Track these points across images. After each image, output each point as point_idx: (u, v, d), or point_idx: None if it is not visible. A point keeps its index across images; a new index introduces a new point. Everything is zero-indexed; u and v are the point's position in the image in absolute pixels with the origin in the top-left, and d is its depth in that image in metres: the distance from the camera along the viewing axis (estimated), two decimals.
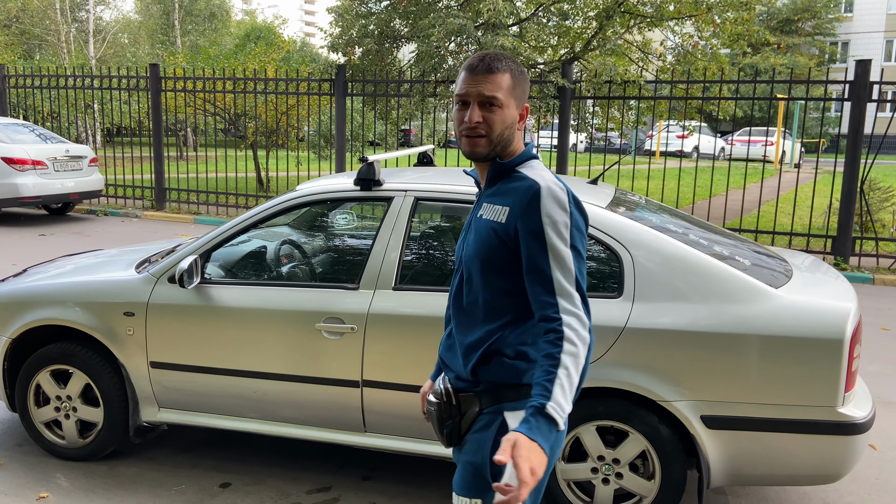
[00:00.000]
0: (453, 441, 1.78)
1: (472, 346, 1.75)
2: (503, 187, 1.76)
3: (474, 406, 1.75)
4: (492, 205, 1.75)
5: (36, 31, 28.77)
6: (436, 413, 1.80)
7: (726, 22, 10.71)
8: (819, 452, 2.75)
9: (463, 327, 1.79)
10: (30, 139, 10.66)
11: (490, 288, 1.73)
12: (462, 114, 1.74)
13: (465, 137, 1.74)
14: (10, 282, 3.80)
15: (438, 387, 1.82)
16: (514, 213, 1.68)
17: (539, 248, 1.64)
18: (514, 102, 1.74)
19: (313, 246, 4.01)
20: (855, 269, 8.42)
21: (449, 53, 10.63)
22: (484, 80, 1.71)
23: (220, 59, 14.14)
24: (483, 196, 1.82)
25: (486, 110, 1.71)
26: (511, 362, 1.71)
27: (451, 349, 1.82)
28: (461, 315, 1.79)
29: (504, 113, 1.72)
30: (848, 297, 2.90)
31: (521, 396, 1.71)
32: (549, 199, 1.65)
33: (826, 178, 14.33)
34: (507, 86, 1.72)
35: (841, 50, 33.99)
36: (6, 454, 3.65)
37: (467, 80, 1.73)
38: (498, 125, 1.72)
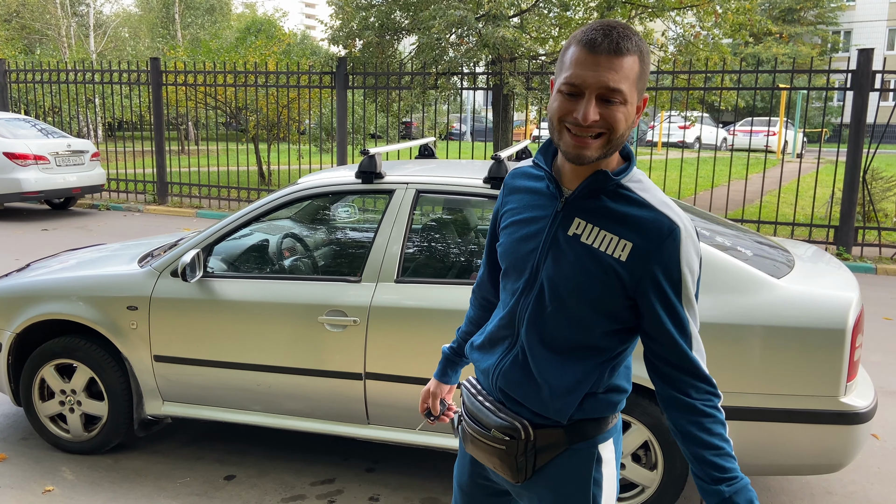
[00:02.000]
0: (527, 476, 1.52)
1: (567, 389, 1.46)
2: (612, 208, 1.40)
3: (559, 442, 1.50)
4: (599, 229, 1.40)
5: (36, 26, 28.73)
6: (505, 451, 1.51)
7: (728, 12, 10.67)
8: (821, 442, 2.76)
9: (547, 364, 1.47)
10: (31, 134, 10.67)
11: (588, 326, 1.44)
12: (569, 105, 1.35)
13: (572, 135, 1.36)
14: (13, 276, 3.81)
15: (502, 420, 1.52)
16: (640, 254, 1.36)
17: (677, 300, 1.38)
18: (637, 96, 1.37)
19: (315, 239, 4.02)
20: (857, 258, 8.40)
21: (450, 45, 10.60)
22: (608, 64, 1.31)
23: (221, 53, 14.12)
24: (575, 207, 1.44)
25: (605, 106, 1.33)
26: (605, 397, 1.50)
27: (525, 385, 1.50)
28: (544, 348, 1.48)
29: (628, 109, 1.35)
30: (850, 287, 2.90)
31: (609, 425, 1.52)
32: (690, 245, 1.37)
33: (828, 168, 14.30)
34: (634, 74, 1.34)
35: (843, 39, 33.83)
36: (11, 448, 3.67)
37: (585, 60, 1.32)
38: (621, 124, 1.35)
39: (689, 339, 1.39)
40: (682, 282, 1.37)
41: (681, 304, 1.38)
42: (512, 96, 11.06)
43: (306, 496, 3.24)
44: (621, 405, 1.54)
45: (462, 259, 3.45)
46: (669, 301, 1.38)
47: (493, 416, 1.54)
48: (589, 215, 1.42)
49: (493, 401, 1.56)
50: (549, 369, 1.47)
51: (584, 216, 1.42)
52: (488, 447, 1.54)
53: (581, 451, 1.50)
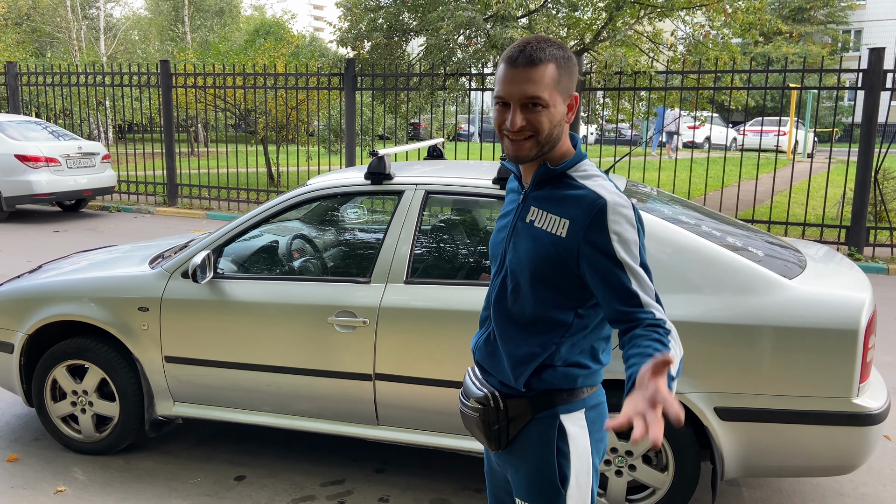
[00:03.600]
0: (501, 445, 1.70)
1: (522, 359, 1.64)
2: (557, 194, 1.61)
3: (525, 411, 1.66)
4: (546, 212, 1.60)
5: (47, 29, 28.93)
6: (480, 418, 1.70)
7: (738, 11, 10.63)
8: (833, 444, 2.74)
9: (509, 338, 1.66)
10: (43, 136, 10.74)
11: (542, 301, 1.61)
12: (502, 115, 1.58)
13: (509, 140, 1.59)
14: (25, 278, 3.84)
15: (479, 391, 1.72)
16: (576, 229, 1.54)
17: (613, 265, 1.51)
18: (560, 98, 1.56)
19: (325, 240, 4.03)
20: (869, 259, 8.34)
21: (458, 46, 10.60)
22: (525, 76, 1.53)
23: (230, 55, 14.17)
24: (530, 198, 1.66)
25: (529, 112, 1.54)
26: (565, 370, 1.64)
27: (492, 356, 1.71)
28: (507, 324, 1.67)
29: (551, 112, 1.55)
30: (862, 288, 2.88)
31: (575, 398, 1.65)
32: (617, 215, 1.52)
33: (839, 168, 14.21)
34: (551, 80, 1.54)
35: (854, 38, 33.61)
36: (23, 449, 3.69)
37: (507, 76, 1.55)
38: (545, 126, 1.55)
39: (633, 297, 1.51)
40: (611, 245, 1.52)
41: (620, 269, 1.51)
42: None
43: (316, 497, 3.24)
44: (584, 380, 1.65)
45: (471, 260, 3.45)
46: (606, 267, 1.52)
47: (473, 388, 1.75)
48: (540, 203, 1.63)
49: (478, 375, 1.78)
50: (510, 341, 1.66)
51: (537, 204, 1.64)
52: (469, 417, 1.74)
53: (544, 420, 1.66)
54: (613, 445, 2.92)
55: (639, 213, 1.59)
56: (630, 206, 1.56)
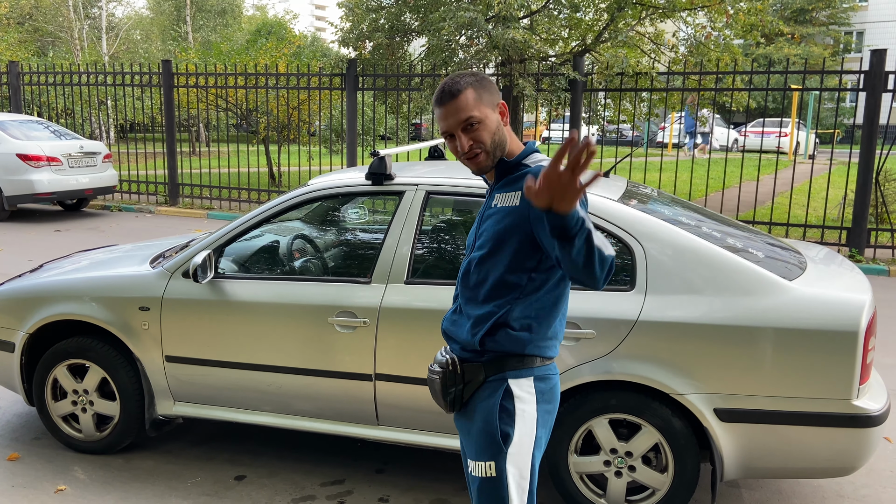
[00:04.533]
0: (456, 407, 1.91)
1: (480, 318, 1.86)
2: (512, 178, 1.89)
3: (479, 374, 1.87)
4: (504, 194, 1.87)
5: (49, 29, 28.96)
6: (440, 381, 1.90)
7: (739, 12, 10.63)
8: (833, 445, 2.74)
9: (472, 302, 1.90)
10: (44, 136, 10.75)
11: (501, 266, 1.83)
12: (453, 144, 1.87)
13: (467, 160, 1.87)
14: (26, 277, 3.85)
15: (441, 357, 1.93)
16: (524, 195, 1.74)
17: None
18: (488, 110, 1.85)
19: (325, 240, 4.03)
20: (870, 260, 8.34)
21: (460, 47, 10.61)
22: (453, 108, 1.82)
23: (232, 55, 14.19)
24: (494, 190, 1.94)
25: (470, 132, 1.83)
26: (517, 334, 1.83)
27: (456, 323, 1.94)
28: (469, 291, 1.91)
29: (486, 124, 1.84)
30: (863, 289, 2.88)
31: (525, 365, 1.84)
32: None
33: (841, 170, 14.19)
34: (472, 101, 1.82)
35: (856, 39, 33.59)
36: (24, 448, 3.69)
37: (440, 114, 1.85)
38: (487, 137, 1.84)
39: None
40: None
41: None
42: (522, 98, 11.05)
43: (316, 496, 3.25)
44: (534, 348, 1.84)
45: None
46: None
47: (438, 356, 1.96)
48: (502, 189, 1.91)
49: (445, 347, 1.98)
50: (472, 306, 1.89)
51: (500, 191, 1.91)
52: (432, 381, 1.93)
53: (494, 383, 1.85)
54: (613, 446, 2.93)
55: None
56: None
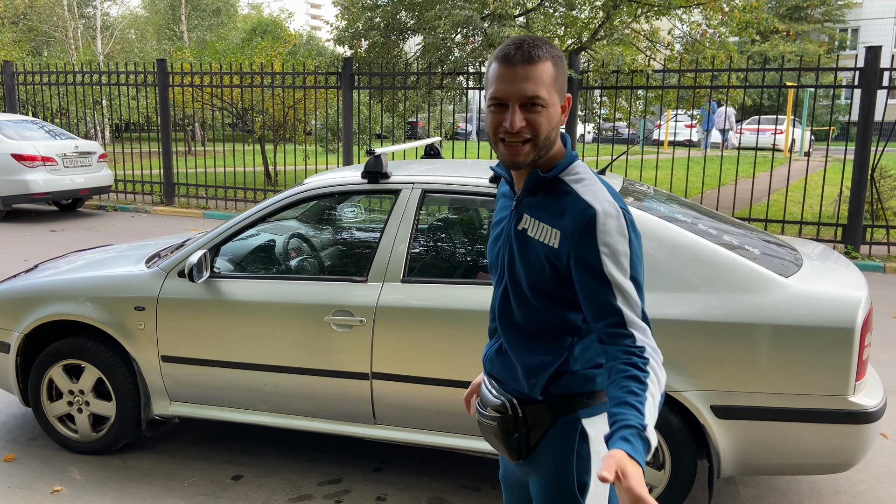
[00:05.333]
0: (522, 454, 1.63)
1: (535, 368, 1.59)
2: (549, 201, 1.55)
3: (545, 418, 1.60)
4: (538, 221, 1.55)
5: (43, 28, 28.86)
6: (499, 428, 1.63)
7: (735, 10, 10.63)
8: (830, 441, 2.74)
9: (519, 348, 1.61)
10: (39, 136, 10.72)
11: (545, 309, 1.57)
12: (498, 117, 1.49)
13: (504, 144, 1.50)
14: (21, 277, 3.83)
15: (494, 398, 1.66)
16: (566, 239, 1.49)
17: (598, 279, 1.45)
18: (556, 97, 1.50)
19: (322, 239, 4.02)
20: (866, 257, 8.36)
21: (455, 45, 10.60)
22: (524, 74, 1.46)
23: (227, 54, 14.15)
24: (523, 205, 1.60)
25: (528, 112, 1.47)
26: (584, 373, 1.59)
27: (505, 366, 1.65)
28: (514, 334, 1.62)
29: (549, 112, 1.49)
30: (858, 286, 2.89)
31: (597, 401, 1.59)
32: (607, 225, 1.45)
33: (836, 167, 14.22)
34: (549, 78, 1.48)
35: (850, 37, 33.64)
36: (20, 448, 3.68)
37: (503, 75, 1.47)
38: (544, 128, 1.49)
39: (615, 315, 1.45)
40: (601, 261, 1.45)
41: (605, 284, 1.45)
42: None
43: (314, 496, 3.24)
44: (604, 381, 1.59)
45: (468, 259, 3.45)
46: (592, 281, 1.46)
47: (490, 397, 1.68)
48: (532, 210, 1.58)
49: (493, 384, 1.71)
50: (521, 351, 1.61)
51: (529, 211, 1.58)
52: (487, 426, 1.68)
53: (565, 426, 1.59)
54: None
55: (631, 220, 1.51)
56: (621, 214, 1.49)
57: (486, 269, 3.36)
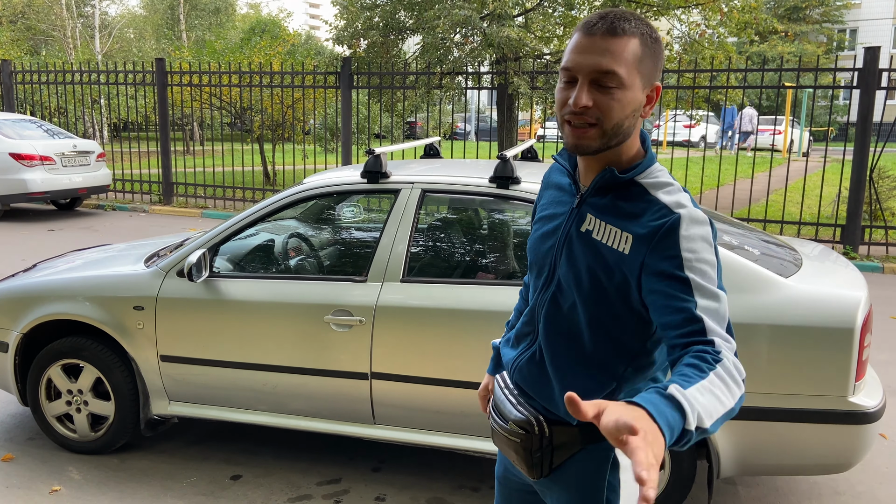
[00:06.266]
0: (543, 473, 1.48)
1: (578, 392, 1.42)
2: (622, 204, 1.37)
3: (574, 441, 1.45)
4: (605, 224, 1.37)
5: (42, 27, 28.81)
6: (521, 444, 1.49)
7: (733, 10, 10.64)
8: (829, 442, 2.74)
9: (562, 365, 1.45)
10: (37, 135, 10.70)
11: (599, 330, 1.40)
12: (565, 94, 1.32)
13: (569, 126, 1.33)
14: (19, 277, 3.82)
15: (517, 413, 1.50)
16: (640, 244, 1.31)
17: (678, 287, 1.27)
18: (639, 81, 1.31)
19: (321, 239, 4.02)
20: (864, 257, 8.37)
21: (454, 45, 10.59)
22: (603, 46, 1.28)
23: (226, 53, 14.14)
24: (588, 204, 1.41)
25: (599, 91, 1.29)
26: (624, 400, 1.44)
27: (540, 382, 1.48)
28: (560, 349, 1.45)
29: (626, 95, 1.30)
30: (858, 286, 2.89)
31: None
32: (693, 230, 1.29)
33: (835, 167, 14.25)
34: (633, 56, 1.29)
35: (849, 37, 33.68)
36: (18, 448, 3.67)
37: (580, 44, 1.30)
38: (616, 112, 1.30)
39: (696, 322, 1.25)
40: (685, 267, 1.27)
41: (687, 292, 1.26)
42: (516, 96, 11.05)
43: (312, 496, 3.24)
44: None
45: (468, 259, 3.45)
46: (672, 288, 1.27)
47: (512, 409, 1.52)
48: (599, 211, 1.39)
49: (516, 395, 1.55)
50: (563, 370, 1.45)
51: (595, 212, 1.40)
52: (506, 440, 1.53)
53: (596, 453, 1.44)
54: None
55: (716, 232, 1.34)
56: (708, 221, 1.32)
57: (486, 268, 3.36)
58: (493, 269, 3.35)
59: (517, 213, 3.55)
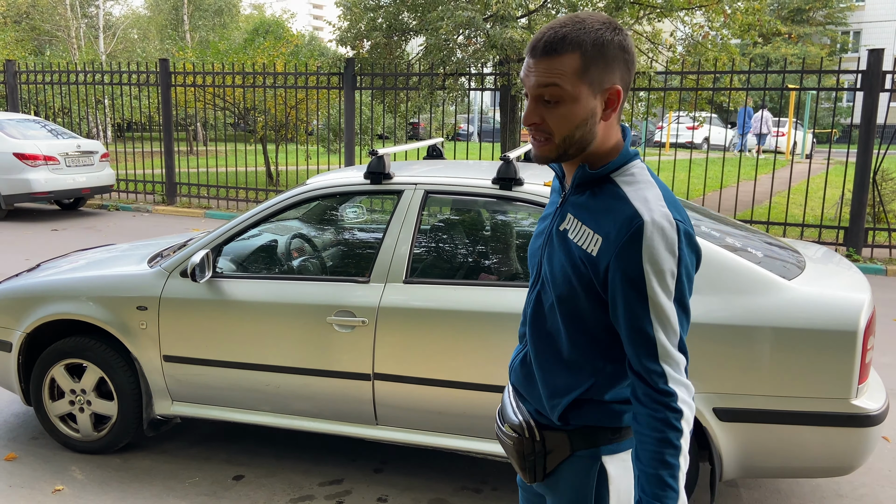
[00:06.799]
0: (538, 478, 1.51)
1: (558, 390, 1.46)
2: (596, 202, 1.39)
3: (564, 446, 1.47)
4: (581, 223, 1.40)
5: (46, 28, 28.88)
6: (514, 447, 1.53)
7: (737, 12, 10.62)
8: (832, 445, 2.74)
9: (544, 362, 1.48)
10: (41, 135, 10.72)
11: (574, 328, 1.42)
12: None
13: (532, 139, 1.40)
14: (23, 277, 3.83)
15: (514, 416, 1.54)
16: (607, 248, 1.33)
17: (637, 301, 1.30)
18: (586, 90, 1.32)
19: (324, 239, 4.03)
20: (867, 260, 8.35)
21: (457, 46, 10.60)
22: (542, 66, 1.32)
23: (230, 54, 14.16)
24: (569, 203, 1.45)
25: (546, 108, 1.34)
26: (609, 406, 1.45)
27: (529, 381, 1.53)
28: (542, 346, 1.48)
29: (572, 109, 1.33)
30: (861, 289, 2.88)
31: (622, 437, 1.46)
32: (655, 239, 1.29)
33: (838, 169, 14.21)
34: (572, 70, 1.31)
35: (853, 39, 33.64)
36: (21, 447, 3.68)
37: (526, 64, 1.36)
38: (562, 125, 1.34)
39: (649, 343, 1.31)
40: (645, 280, 1.29)
41: (644, 306, 1.31)
42: (519, 97, 11.05)
43: (315, 496, 3.24)
44: (629, 416, 1.45)
45: (471, 260, 3.45)
46: (629, 300, 1.31)
47: (510, 412, 1.56)
48: (577, 210, 1.43)
49: (515, 398, 1.59)
50: (545, 367, 1.48)
51: (574, 211, 1.43)
52: (504, 442, 1.57)
53: (583, 460, 1.46)
54: None
55: (688, 235, 1.34)
56: (674, 227, 1.32)
57: (489, 270, 3.36)
58: (495, 271, 3.35)
59: (520, 214, 3.55)
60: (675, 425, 1.30)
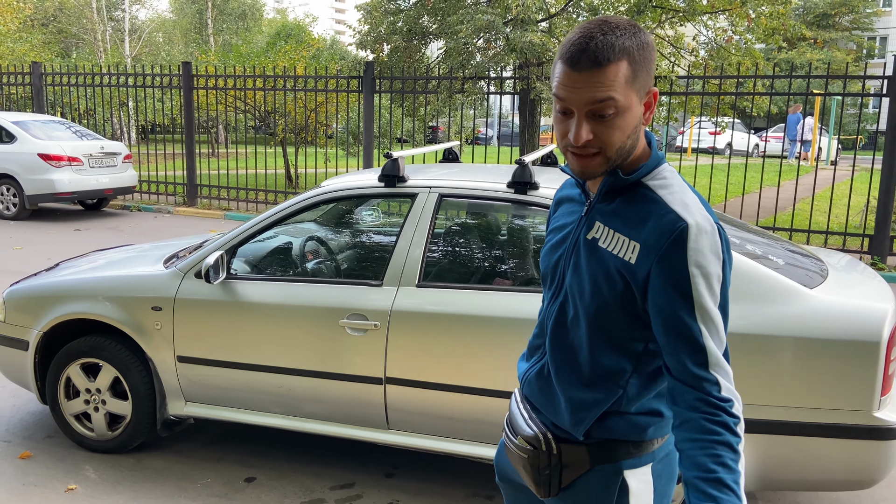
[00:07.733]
0: (552, 492, 1.46)
1: (583, 405, 1.40)
2: (628, 208, 1.34)
3: (583, 460, 1.42)
4: (612, 231, 1.34)
5: (73, 30, 29.35)
6: (528, 461, 1.47)
7: (761, 16, 10.50)
8: (853, 457, 2.67)
9: (567, 377, 1.42)
10: (66, 136, 10.87)
11: (601, 340, 1.37)
12: (564, 125, 1.30)
13: (573, 155, 1.32)
14: (42, 276, 3.87)
15: (527, 428, 1.49)
16: (648, 254, 1.28)
17: (684, 306, 1.25)
18: (636, 97, 1.28)
19: (338, 242, 4.02)
20: (892, 268, 8.19)
21: (477, 50, 10.59)
22: (592, 80, 1.24)
23: (252, 57, 14.27)
24: (596, 211, 1.40)
25: (598, 122, 1.27)
26: (636, 419, 1.40)
27: (546, 395, 1.47)
28: (565, 360, 1.43)
29: (625, 118, 1.27)
30: (885, 298, 2.81)
31: (643, 451, 1.41)
32: (701, 242, 1.25)
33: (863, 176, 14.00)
34: (624, 79, 1.25)
35: (879, 45, 33.16)
36: (36, 446, 3.71)
37: (567, 79, 1.26)
38: (617, 138, 1.28)
39: (698, 351, 1.26)
40: (691, 285, 1.24)
41: (691, 313, 1.25)
42: (539, 101, 11.00)
43: (325, 500, 3.22)
44: (656, 431, 1.42)
45: (485, 264, 3.42)
46: (675, 306, 1.26)
47: (523, 424, 1.51)
48: (606, 218, 1.37)
49: (528, 409, 1.53)
50: (568, 382, 1.43)
51: (603, 219, 1.38)
52: (515, 454, 1.52)
53: (604, 474, 1.41)
54: None
55: (727, 240, 1.30)
56: (716, 230, 1.28)
57: (503, 274, 3.33)
58: (510, 276, 3.32)
59: (535, 218, 3.52)
60: (735, 430, 1.24)
